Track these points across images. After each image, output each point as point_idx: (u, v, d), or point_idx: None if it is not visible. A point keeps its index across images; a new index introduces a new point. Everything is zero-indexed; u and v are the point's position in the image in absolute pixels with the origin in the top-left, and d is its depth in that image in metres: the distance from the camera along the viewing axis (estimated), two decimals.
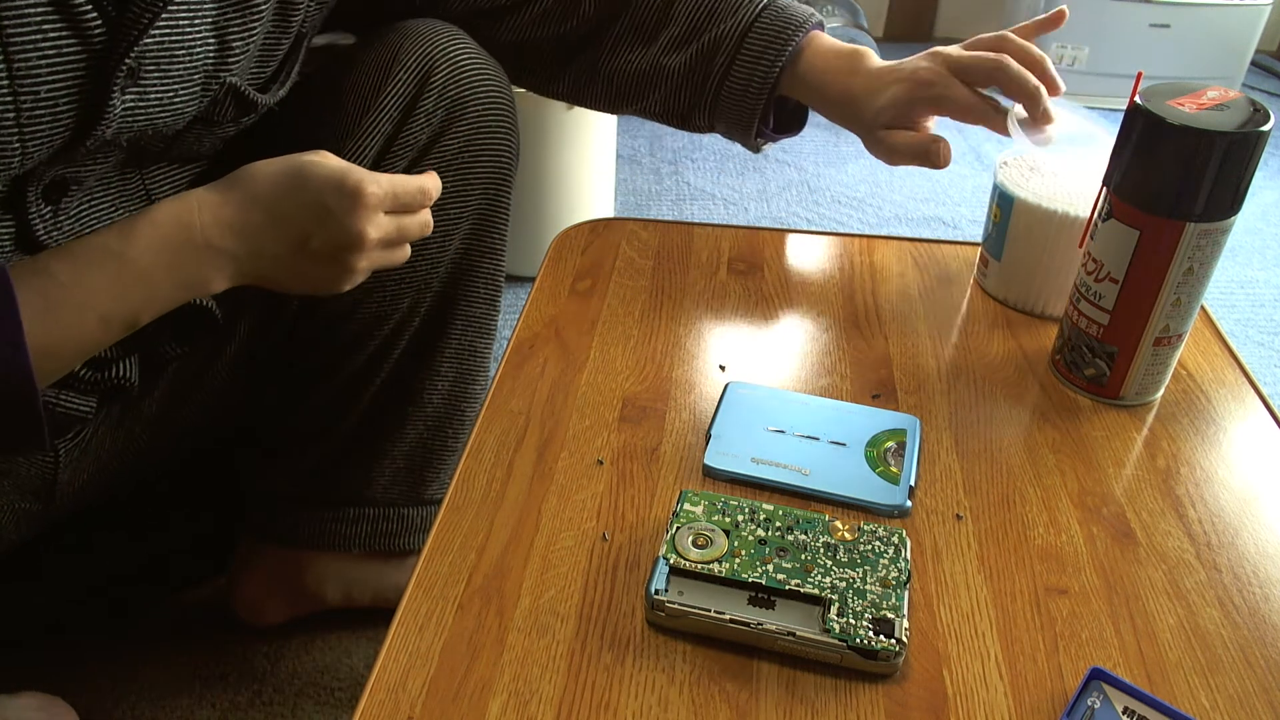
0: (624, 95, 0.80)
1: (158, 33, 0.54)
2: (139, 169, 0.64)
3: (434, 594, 0.50)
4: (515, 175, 0.81)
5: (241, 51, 0.61)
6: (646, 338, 0.71)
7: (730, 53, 0.75)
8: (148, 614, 0.96)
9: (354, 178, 0.58)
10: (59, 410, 0.65)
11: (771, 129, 0.79)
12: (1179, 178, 0.57)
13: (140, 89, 0.55)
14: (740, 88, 0.76)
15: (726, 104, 0.77)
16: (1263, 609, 0.51)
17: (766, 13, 0.75)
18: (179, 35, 0.56)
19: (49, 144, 0.53)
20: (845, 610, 0.47)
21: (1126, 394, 0.65)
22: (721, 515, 0.52)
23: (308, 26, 0.69)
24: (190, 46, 0.57)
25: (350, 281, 0.63)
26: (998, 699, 0.46)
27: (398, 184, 0.61)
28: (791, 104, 0.80)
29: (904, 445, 0.60)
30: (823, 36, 0.76)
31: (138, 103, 0.56)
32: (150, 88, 0.56)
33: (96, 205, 0.62)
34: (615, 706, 0.45)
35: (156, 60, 0.55)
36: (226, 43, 0.59)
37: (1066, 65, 2.34)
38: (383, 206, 0.60)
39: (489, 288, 0.83)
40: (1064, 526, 0.56)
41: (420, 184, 0.62)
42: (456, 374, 0.84)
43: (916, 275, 0.80)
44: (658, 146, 2.12)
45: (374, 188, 0.59)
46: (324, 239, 0.59)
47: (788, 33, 0.74)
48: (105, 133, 0.55)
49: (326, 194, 0.58)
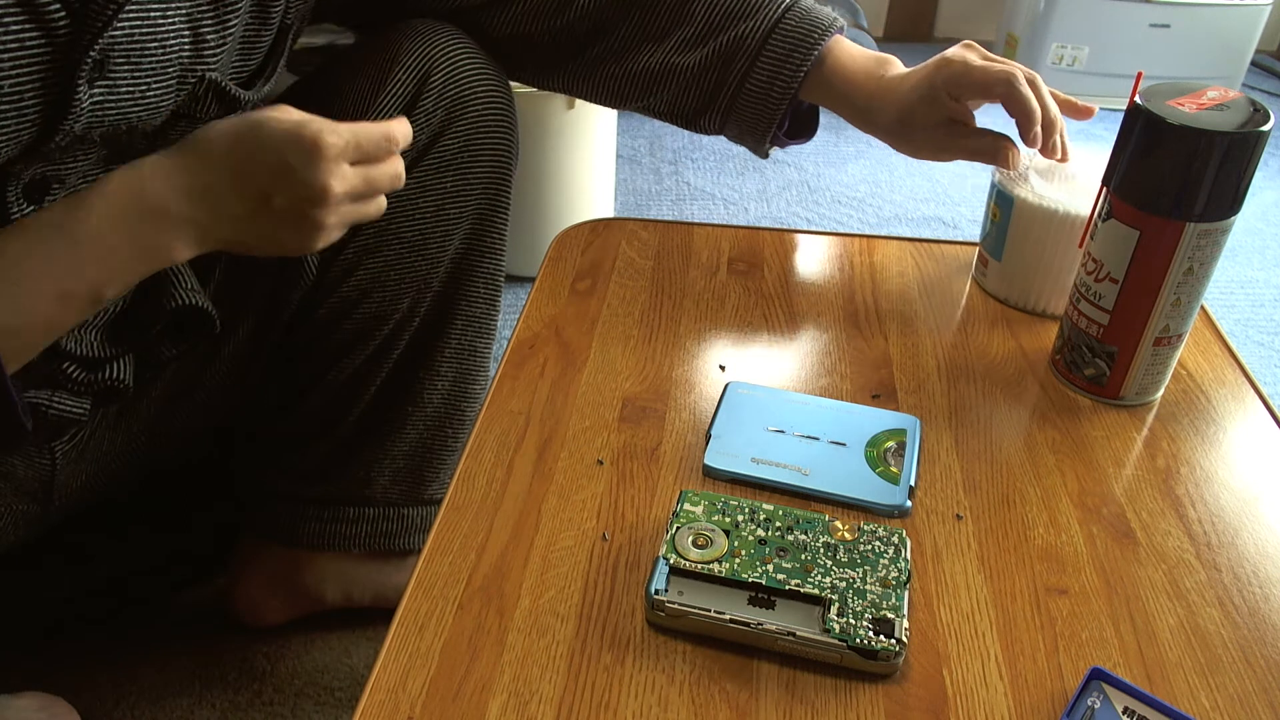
0: (629, 92, 0.79)
1: (126, 24, 0.54)
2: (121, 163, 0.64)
3: (434, 594, 0.50)
4: (515, 175, 0.80)
5: (218, 45, 0.60)
6: (646, 338, 0.70)
7: (751, 55, 0.74)
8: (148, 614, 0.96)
9: (311, 129, 0.56)
10: (52, 412, 0.65)
11: (784, 135, 0.78)
12: (1179, 178, 0.57)
13: (110, 82, 0.55)
14: (760, 91, 0.74)
15: (744, 108, 0.76)
16: (1263, 609, 0.51)
17: (791, 15, 0.73)
18: (150, 27, 0.55)
19: (16, 139, 0.52)
20: (845, 610, 0.47)
21: (1126, 394, 0.65)
22: (721, 515, 0.52)
23: (292, 20, 0.68)
24: (163, 39, 0.56)
25: (323, 239, 0.60)
26: (998, 699, 0.46)
27: (360, 132, 0.58)
28: (803, 108, 0.79)
29: (904, 445, 0.60)
30: (845, 41, 0.75)
31: (107, 96, 0.55)
32: (120, 81, 0.55)
33: None
34: (615, 706, 0.45)
35: (126, 53, 0.55)
36: (201, 36, 0.59)
37: (1067, 65, 2.34)
38: (345, 157, 0.57)
39: (489, 287, 0.83)
40: (1064, 526, 0.56)
41: (385, 130, 0.59)
42: (456, 374, 0.84)
43: (916, 275, 0.80)
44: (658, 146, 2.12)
45: (333, 138, 0.56)
46: (287, 196, 0.57)
47: (814, 36, 0.73)
48: (74, 127, 0.54)
49: (285, 149, 0.56)
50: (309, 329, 0.79)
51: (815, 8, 0.75)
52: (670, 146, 2.12)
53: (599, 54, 0.78)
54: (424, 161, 0.74)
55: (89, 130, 0.56)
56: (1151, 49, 2.31)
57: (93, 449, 0.73)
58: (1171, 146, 0.57)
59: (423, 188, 0.75)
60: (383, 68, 0.72)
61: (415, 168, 0.74)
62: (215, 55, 0.60)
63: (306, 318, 0.79)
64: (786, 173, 2.04)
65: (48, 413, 0.65)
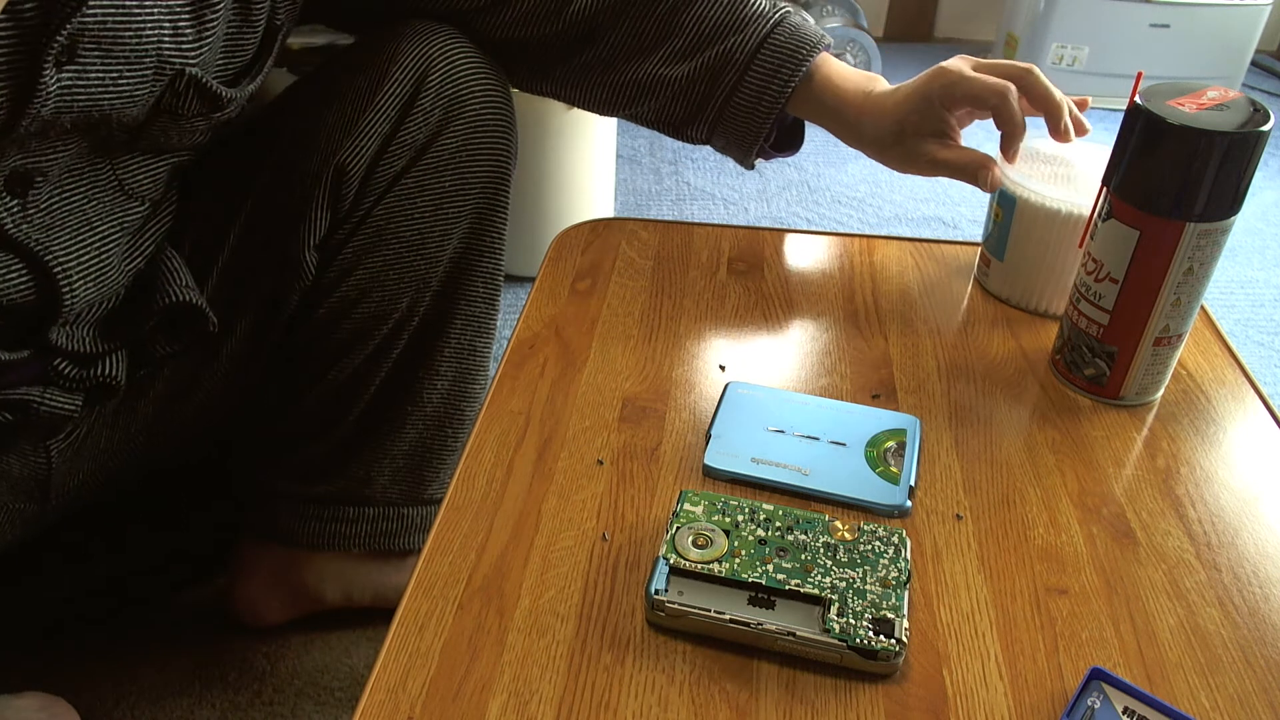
0: (617, 100, 0.79)
1: (99, 10, 0.53)
2: (108, 159, 0.63)
3: (434, 594, 0.50)
4: (513, 174, 0.80)
5: (196, 39, 0.60)
6: (646, 338, 0.70)
7: (739, 69, 0.74)
8: (148, 614, 0.96)
9: None
10: (44, 409, 0.65)
11: (770, 147, 0.78)
12: (1179, 178, 0.57)
13: (79, 68, 0.54)
14: (748, 105, 0.75)
15: (730, 121, 0.76)
16: (1263, 609, 0.51)
17: (779, 31, 0.74)
18: (124, 16, 0.55)
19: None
20: (845, 610, 0.47)
21: (1126, 394, 0.65)
22: (721, 515, 0.52)
23: (281, 20, 0.68)
24: (138, 29, 0.56)
25: None
26: (998, 699, 0.46)
27: None
28: (788, 120, 0.80)
29: (904, 445, 0.60)
30: (832, 59, 0.76)
31: (76, 82, 0.55)
32: (90, 67, 0.55)
33: (68, 196, 0.62)
34: (615, 706, 0.45)
35: (98, 39, 0.54)
36: (180, 30, 0.58)
37: (1066, 65, 2.34)
38: None
39: (488, 287, 0.83)
40: (1064, 526, 0.56)
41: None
42: (456, 373, 0.84)
43: (916, 275, 0.80)
44: (658, 146, 2.12)
45: None
46: None
47: (802, 53, 0.73)
48: (41, 111, 0.54)
49: None
50: (308, 329, 0.79)
51: (804, 24, 0.75)
52: (670, 146, 2.12)
53: (588, 61, 0.78)
54: (422, 161, 0.74)
55: (59, 116, 0.55)
56: (1151, 49, 2.31)
57: (89, 448, 0.73)
58: (1171, 146, 0.56)
59: (421, 187, 0.75)
60: (381, 67, 0.72)
61: (413, 167, 0.74)
62: (196, 50, 0.60)
63: (305, 317, 0.79)
64: (786, 173, 2.04)
65: (40, 409, 0.65)
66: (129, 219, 0.67)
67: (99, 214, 0.64)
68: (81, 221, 0.63)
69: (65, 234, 0.62)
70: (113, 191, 0.64)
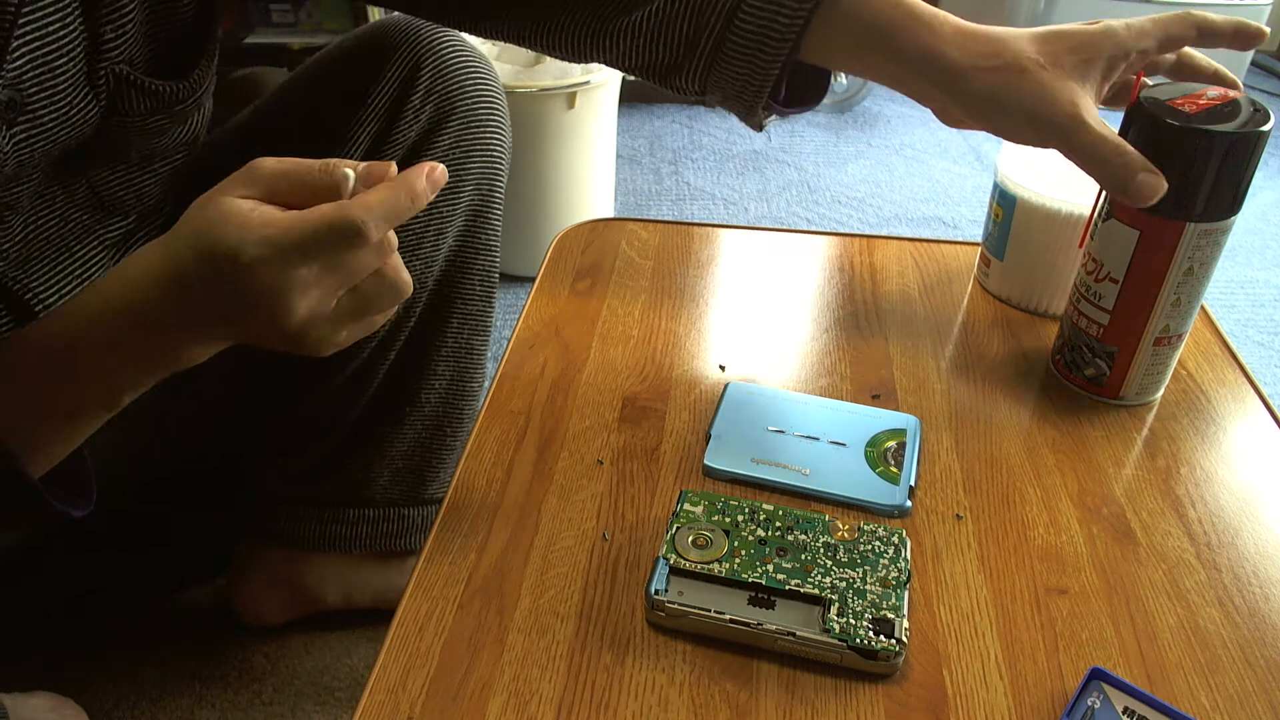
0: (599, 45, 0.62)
1: (25, 49, 0.49)
2: (82, 174, 0.61)
3: (434, 594, 0.50)
4: (508, 170, 0.80)
5: (116, 36, 0.55)
6: (646, 338, 0.70)
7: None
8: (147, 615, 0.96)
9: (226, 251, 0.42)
10: None
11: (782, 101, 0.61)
12: (1179, 178, 0.57)
13: (31, 116, 0.51)
14: (754, 37, 0.56)
15: (729, 60, 0.58)
16: (1263, 609, 0.51)
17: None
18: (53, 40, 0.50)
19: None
20: (845, 610, 0.47)
21: (1126, 394, 0.65)
22: (721, 515, 0.52)
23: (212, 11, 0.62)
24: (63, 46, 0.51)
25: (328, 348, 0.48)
26: (998, 699, 0.46)
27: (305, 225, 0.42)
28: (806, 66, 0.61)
29: (904, 445, 0.60)
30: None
31: (31, 130, 0.51)
32: (40, 110, 0.51)
33: (43, 224, 0.59)
34: (615, 706, 0.45)
35: (38, 79, 0.50)
36: (98, 32, 0.54)
37: None
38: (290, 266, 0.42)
39: (485, 285, 0.83)
40: (1064, 526, 0.56)
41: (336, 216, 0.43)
42: (454, 372, 0.84)
43: (916, 275, 0.80)
44: (658, 146, 2.12)
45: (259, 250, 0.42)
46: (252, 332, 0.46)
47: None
48: (3, 169, 0.51)
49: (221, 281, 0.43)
50: None
51: None
52: (670, 146, 2.12)
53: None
54: (415, 159, 0.74)
55: (20, 169, 0.53)
56: None
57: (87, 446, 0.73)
58: (1171, 146, 0.56)
59: None
60: (371, 66, 0.72)
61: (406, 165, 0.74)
62: (116, 48, 0.55)
63: None
64: (786, 173, 2.04)
65: None
66: (110, 234, 0.66)
67: (76, 235, 0.63)
68: (60, 249, 0.61)
69: (43, 266, 0.61)
70: (88, 207, 0.62)
